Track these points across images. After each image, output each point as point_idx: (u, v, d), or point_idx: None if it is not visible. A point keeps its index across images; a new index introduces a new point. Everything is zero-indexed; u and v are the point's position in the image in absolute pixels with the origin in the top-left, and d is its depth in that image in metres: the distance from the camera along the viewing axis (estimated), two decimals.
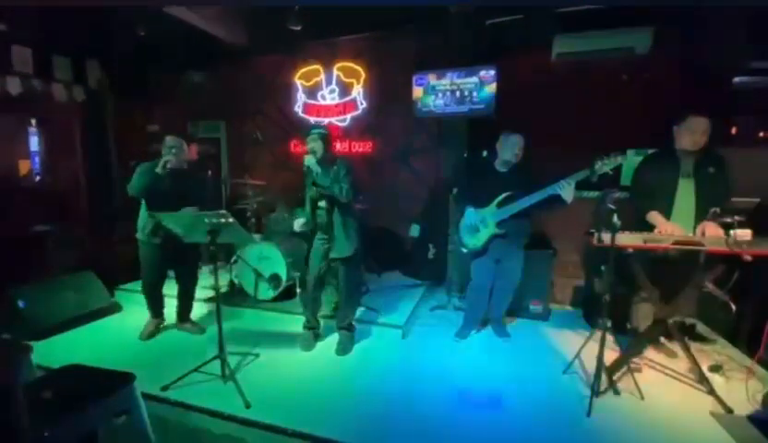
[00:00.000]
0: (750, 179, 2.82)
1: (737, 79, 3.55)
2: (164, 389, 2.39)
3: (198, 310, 3.47)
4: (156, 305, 3.24)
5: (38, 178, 4.89)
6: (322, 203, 2.74)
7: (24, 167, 4.80)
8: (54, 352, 2.88)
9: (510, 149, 2.78)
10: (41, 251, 4.09)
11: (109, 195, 4.98)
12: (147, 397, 2.03)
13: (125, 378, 1.77)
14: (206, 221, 2.34)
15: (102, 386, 1.73)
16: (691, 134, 2.37)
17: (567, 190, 2.53)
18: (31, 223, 4.21)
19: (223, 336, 2.49)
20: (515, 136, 2.79)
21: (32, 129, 4.80)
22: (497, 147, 2.87)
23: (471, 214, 2.89)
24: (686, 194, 2.44)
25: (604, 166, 2.41)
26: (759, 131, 3.62)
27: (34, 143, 4.87)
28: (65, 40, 4.41)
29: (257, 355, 2.83)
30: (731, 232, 2.02)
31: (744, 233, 2.00)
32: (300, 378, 2.57)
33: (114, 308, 3.72)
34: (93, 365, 1.90)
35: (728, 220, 2.07)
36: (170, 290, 3.26)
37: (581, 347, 2.62)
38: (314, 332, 3.04)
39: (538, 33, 3.70)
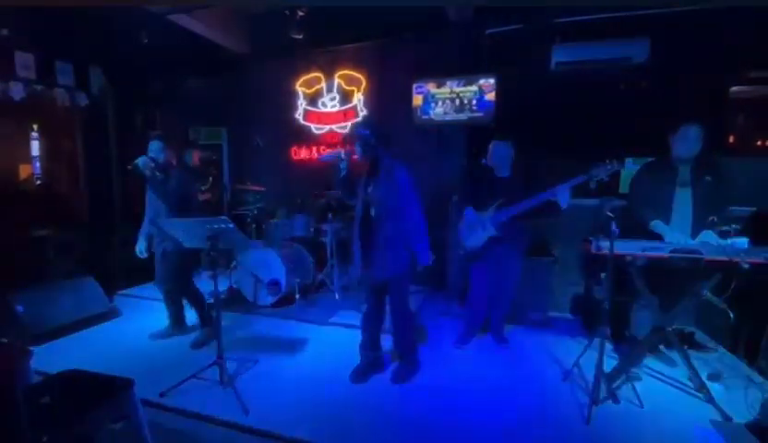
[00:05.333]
0: (747, 188, 2.84)
1: (733, 88, 3.59)
2: (162, 394, 2.38)
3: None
4: (169, 308, 3.26)
5: (38, 183, 4.89)
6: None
7: (25, 171, 4.81)
8: (52, 357, 2.87)
9: (493, 154, 2.88)
10: (40, 255, 4.08)
11: (110, 200, 4.99)
12: (145, 403, 2.03)
13: (123, 384, 1.77)
14: (206, 226, 2.34)
15: (101, 391, 1.73)
16: (685, 141, 2.40)
17: (563, 195, 2.54)
18: (31, 228, 4.21)
19: (222, 342, 2.49)
20: (501, 142, 2.87)
21: (34, 134, 4.82)
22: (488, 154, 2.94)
23: (470, 215, 2.91)
24: (683, 202, 2.45)
25: (600, 172, 2.43)
26: (755, 140, 3.65)
27: (35, 148, 4.89)
28: (68, 45, 4.44)
29: (255, 361, 2.82)
30: (728, 240, 2.04)
31: (741, 242, 2.01)
32: (299, 385, 2.56)
33: (113, 313, 3.71)
34: (91, 370, 1.90)
35: (726, 228, 2.09)
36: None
37: (580, 355, 2.61)
38: (370, 362, 2.68)
39: (537, 43, 3.74)
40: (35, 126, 4.70)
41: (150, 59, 4.73)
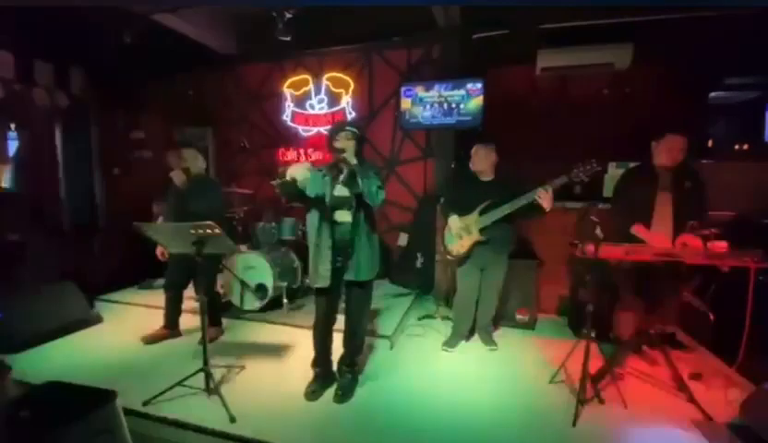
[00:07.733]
0: (726, 192, 2.92)
1: (712, 94, 3.69)
2: (146, 403, 2.33)
3: (183, 321, 3.40)
4: (170, 312, 3.23)
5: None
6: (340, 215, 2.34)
7: (2, 173, 4.66)
8: (31, 365, 2.78)
9: (476, 159, 2.90)
10: (18, 260, 3.96)
11: (90, 202, 4.87)
12: (128, 412, 1.98)
13: (105, 396, 1.72)
14: (191, 231, 2.30)
15: (82, 404, 1.67)
16: (669, 151, 2.46)
17: (544, 198, 2.55)
18: (8, 232, 4.09)
19: (208, 348, 2.44)
20: (483, 146, 2.89)
21: (12, 134, 4.67)
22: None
23: (455, 221, 2.92)
24: (664, 207, 2.51)
25: (580, 174, 2.47)
26: (733, 145, 3.77)
27: (13, 148, 4.74)
28: (48, 45, 4.33)
29: (242, 368, 2.78)
30: (708, 244, 2.09)
31: (720, 245, 2.07)
32: (286, 392, 2.52)
33: (94, 320, 3.62)
34: (72, 378, 1.85)
35: (705, 232, 2.15)
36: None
37: (566, 356, 2.65)
38: (322, 377, 2.56)
39: (523, 48, 3.79)
40: (12, 126, 4.57)
41: (134, 59, 4.65)
